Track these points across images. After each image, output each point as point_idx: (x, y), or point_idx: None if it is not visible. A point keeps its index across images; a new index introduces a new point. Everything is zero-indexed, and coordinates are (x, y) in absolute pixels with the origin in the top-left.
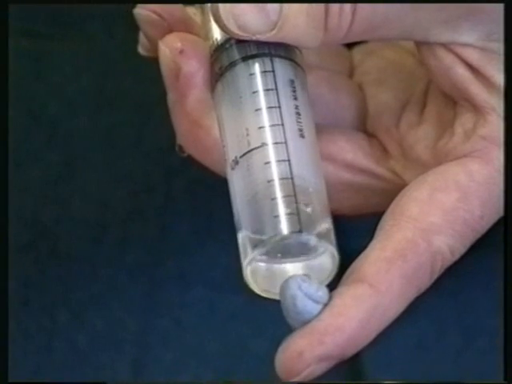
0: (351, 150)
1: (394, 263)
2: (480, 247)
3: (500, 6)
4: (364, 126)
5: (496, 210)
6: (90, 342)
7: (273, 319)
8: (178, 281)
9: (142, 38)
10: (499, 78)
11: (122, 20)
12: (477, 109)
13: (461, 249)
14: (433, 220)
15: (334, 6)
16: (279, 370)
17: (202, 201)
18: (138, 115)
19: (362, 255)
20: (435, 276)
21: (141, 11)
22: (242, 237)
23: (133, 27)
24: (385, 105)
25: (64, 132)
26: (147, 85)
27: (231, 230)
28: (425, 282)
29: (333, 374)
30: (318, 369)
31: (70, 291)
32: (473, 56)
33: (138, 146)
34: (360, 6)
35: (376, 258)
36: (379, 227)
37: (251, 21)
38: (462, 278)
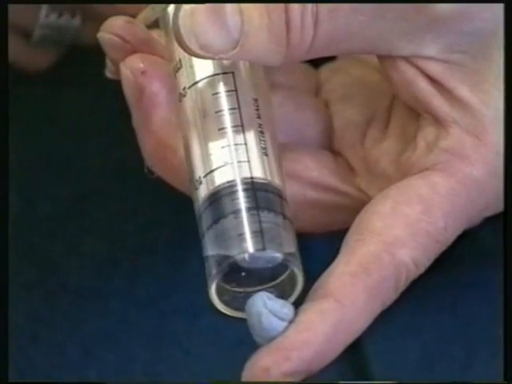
0: (316, 168)
1: (358, 277)
2: (478, 259)
3: (461, 17)
4: (330, 144)
5: (460, 222)
6: (101, 376)
7: None
8: (186, 311)
9: (108, 62)
10: (462, 91)
11: None
12: (438, 122)
13: (425, 261)
14: (396, 233)
15: (295, 21)
16: None
17: None
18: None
19: (328, 271)
20: (400, 289)
21: (103, 35)
22: (207, 256)
23: None
24: (349, 121)
25: (75, 169)
26: None
27: None
28: (389, 295)
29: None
30: (285, 382)
31: (80, 327)
32: (435, 69)
33: (148, 181)
34: (321, 19)
35: (340, 273)
36: (344, 243)
37: (213, 40)
38: (461, 290)
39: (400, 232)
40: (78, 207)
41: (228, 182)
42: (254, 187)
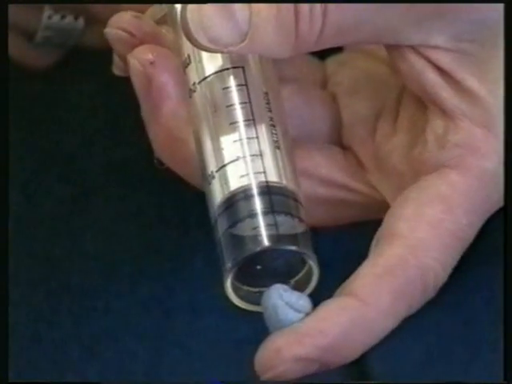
0: (326, 165)
1: (383, 278)
2: (481, 259)
3: (469, 6)
4: (339, 138)
5: (480, 217)
6: (102, 376)
7: None
8: (188, 310)
9: (115, 58)
10: (470, 82)
11: None
12: (447, 114)
13: (450, 261)
14: (420, 235)
15: (304, 11)
16: (257, 366)
17: None
18: (152, 149)
19: (354, 273)
20: (429, 293)
21: (110, 30)
22: (222, 252)
23: None
24: (358, 115)
25: (77, 167)
26: None
27: None
28: (416, 298)
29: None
30: (295, 368)
31: (82, 326)
32: (444, 59)
33: (152, 179)
34: (330, 8)
35: (366, 275)
36: (371, 248)
37: (222, 33)
38: (464, 291)
39: (424, 234)
40: (80, 206)
41: (243, 187)
42: (269, 191)
